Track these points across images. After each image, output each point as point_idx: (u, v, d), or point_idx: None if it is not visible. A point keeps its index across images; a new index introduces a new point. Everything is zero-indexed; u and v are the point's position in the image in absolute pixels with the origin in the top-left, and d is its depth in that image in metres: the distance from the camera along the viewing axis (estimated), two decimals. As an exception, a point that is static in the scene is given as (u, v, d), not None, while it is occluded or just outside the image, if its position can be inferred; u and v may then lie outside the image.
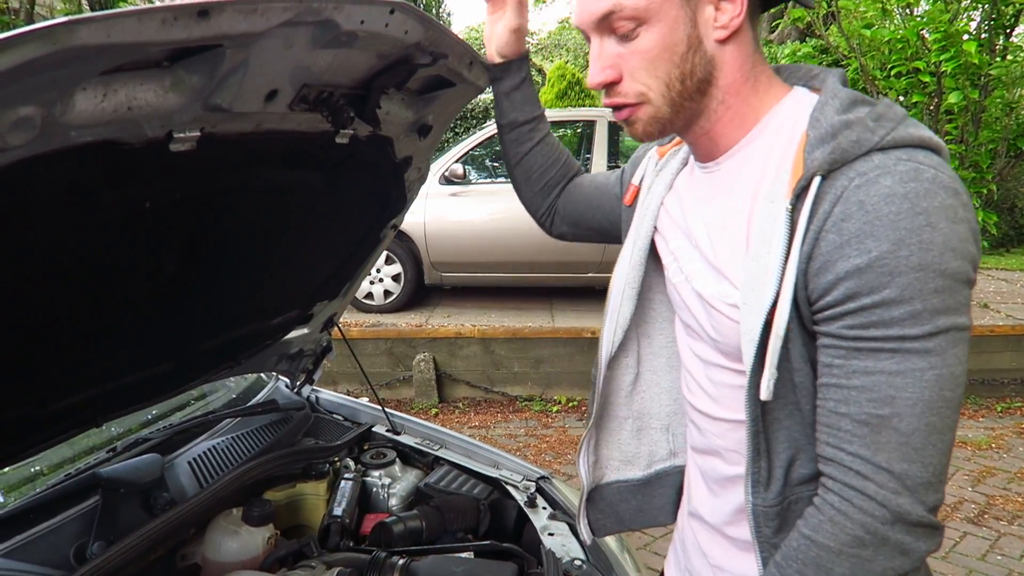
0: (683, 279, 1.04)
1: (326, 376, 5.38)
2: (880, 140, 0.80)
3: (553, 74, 11.98)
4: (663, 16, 0.88)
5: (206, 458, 1.83)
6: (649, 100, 0.93)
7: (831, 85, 0.90)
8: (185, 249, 1.32)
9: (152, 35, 0.76)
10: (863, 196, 0.77)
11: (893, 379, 0.78)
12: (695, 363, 1.07)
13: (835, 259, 0.79)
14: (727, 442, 1.03)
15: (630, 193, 1.22)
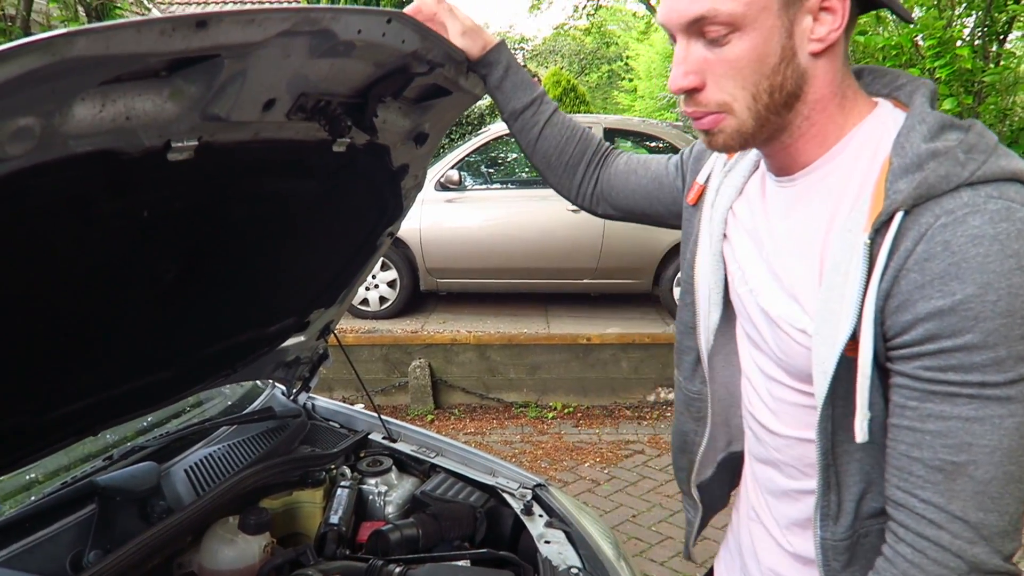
0: (747, 290, 1.02)
1: (322, 382, 5.35)
2: (970, 175, 0.77)
3: (548, 80, 12.02)
4: (759, 25, 0.83)
5: (202, 466, 1.82)
6: (732, 111, 0.88)
7: (919, 105, 0.86)
8: (183, 257, 1.32)
9: (151, 46, 0.76)
10: (949, 236, 0.75)
11: (970, 425, 0.76)
12: (756, 374, 1.05)
13: (915, 299, 0.77)
14: (785, 456, 1.03)
15: (694, 192, 1.17)
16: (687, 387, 1.23)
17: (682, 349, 1.23)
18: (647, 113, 24.53)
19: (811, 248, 0.90)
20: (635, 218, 1.39)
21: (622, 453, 4.76)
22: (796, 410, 0.98)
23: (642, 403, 5.58)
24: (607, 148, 1.41)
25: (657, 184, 1.32)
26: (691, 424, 1.25)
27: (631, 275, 6.08)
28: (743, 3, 0.81)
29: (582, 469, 4.54)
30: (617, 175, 1.37)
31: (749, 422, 1.12)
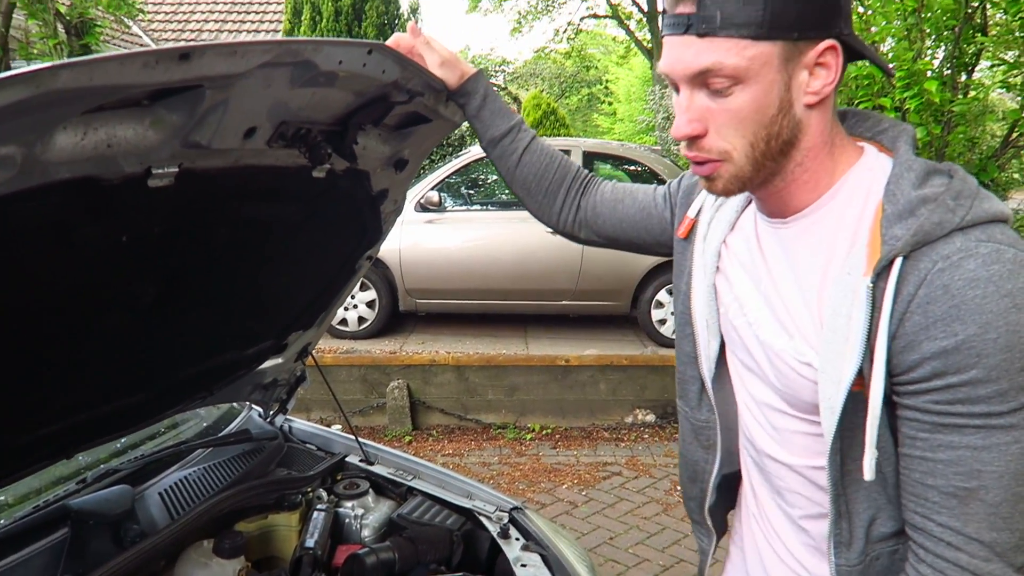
0: (746, 323, 1.06)
1: (299, 403, 5.31)
2: (961, 220, 0.82)
3: (528, 103, 12.13)
4: (760, 79, 0.87)
5: (177, 489, 1.81)
6: (731, 159, 0.92)
7: (904, 152, 0.91)
8: (162, 281, 1.33)
9: (134, 78, 0.78)
10: (947, 280, 0.80)
11: (979, 454, 0.81)
12: (755, 404, 1.09)
13: (920, 340, 0.81)
14: (788, 484, 1.06)
15: (685, 226, 1.21)
16: (694, 416, 1.25)
17: (686, 379, 1.25)
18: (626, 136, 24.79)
19: (809, 289, 0.95)
20: (618, 245, 1.41)
21: (600, 475, 4.77)
22: (803, 439, 1.01)
23: (620, 425, 5.59)
24: (586, 175, 1.44)
25: (645, 214, 1.34)
26: (701, 453, 1.26)
27: (609, 297, 6.12)
28: (747, 58, 0.86)
29: (560, 491, 4.54)
30: (603, 203, 1.39)
31: (750, 451, 1.14)
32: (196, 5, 13.60)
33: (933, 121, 4.64)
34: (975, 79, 5.39)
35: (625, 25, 24.10)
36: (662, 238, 1.32)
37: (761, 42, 0.86)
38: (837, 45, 0.89)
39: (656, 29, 21.53)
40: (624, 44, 28.55)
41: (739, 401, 1.15)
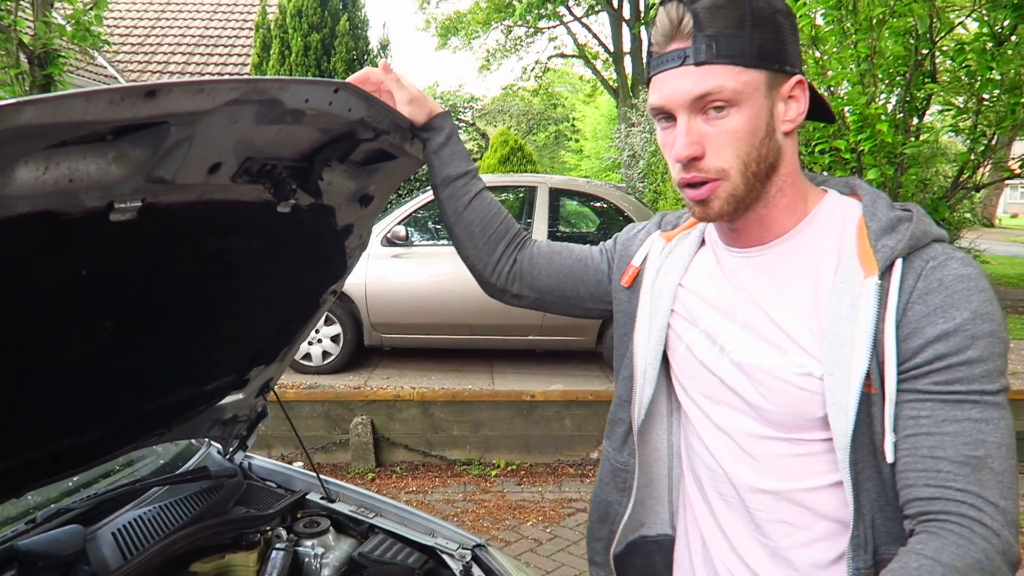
0: (717, 353, 1.11)
1: (260, 440, 5.23)
2: (934, 235, 0.99)
3: (496, 140, 12.24)
4: (752, 103, 0.99)
5: (131, 529, 1.77)
6: (728, 177, 1.01)
7: (868, 188, 1.09)
8: (121, 315, 1.31)
9: (99, 114, 0.78)
10: (940, 275, 0.94)
11: (980, 425, 0.91)
12: (724, 438, 1.12)
13: (923, 326, 0.93)
14: (774, 514, 1.07)
15: (629, 275, 1.28)
16: (615, 458, 1.29)
17: (615, 421, 1.30)
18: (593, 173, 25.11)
19: (801, 304, 1.03)
20: (550, 299, 1.42)
21: (564, 512, 4.74)
22: (794, 461, 1.05)
23: (585, 460, 5.58)
24: (526, 234, 1.47)
25: (582, 265, 1.39)
26: (615, 495, 1.29)
27: (575, 332, 6.14)
28: (741, 82, 0.98)
29: (524, 528, 4.50)
30: (540, 255, 1.42)
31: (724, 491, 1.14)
32: (163, 37, 13.56)
33: (887, 163, 4.80)
34: (926, 123, 5.59)
35: (592, 65, 24.58)
36: (596, 290, 1.37)
37: (751, 70, 0.98)
38: (805, 81, 1.03)
39: (622, 70, 22.00)
40: (591, 83, 29.09)
41: (705, 444, 1.16)
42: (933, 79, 5.03)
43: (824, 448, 1.02)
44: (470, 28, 24.67)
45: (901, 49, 4.80)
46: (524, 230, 1.48)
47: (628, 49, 21.92)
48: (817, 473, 1.04)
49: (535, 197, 6.41)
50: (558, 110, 30.51)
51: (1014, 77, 4.78)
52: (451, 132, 1.38)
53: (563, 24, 24.18)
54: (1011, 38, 4.69)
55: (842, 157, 4.90)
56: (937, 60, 5.07)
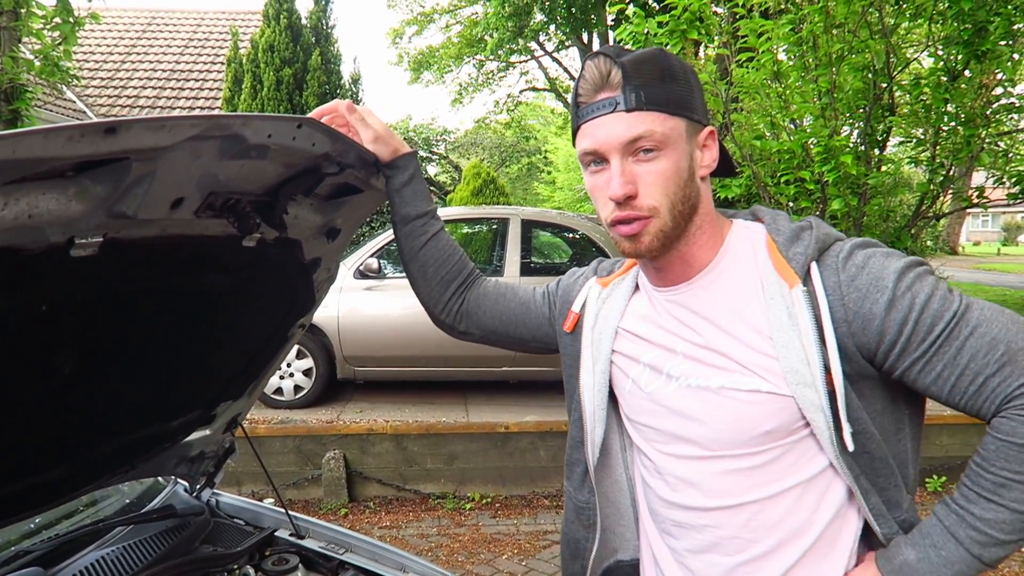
0: (663, 383, 1.17)
1: (231, 476, 5.15)
2: (835, 235, 1.10)
3: (469, 172, 12.33)
4: (676, 146, 1.08)
5: (94, 570, 1.73)
6: (659, 214, 1.09)
7: (765, 210, 1.19)
8: (82, 351, 1.30)
9: (58, 151, 0.78)
10: (855, 261, 1.04)
11: (978, 329, 0.98)
12: (674, 464, 1.17)
13: (868, 306, 1.01)
14: (726, 530, 1.13)
15: (570, 320, 1.35)
16: (577, 497, 1.35)
17: (572, 462, 1.36)
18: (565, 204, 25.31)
19: (736, 328, 1.09)
20: (495, 338, 1.50)
21: (540, 544, 4.70)
22: (732, 476, 1.11)
23: (560, 492, 5.54)
24: (477, 273, 1.53)
25: (524, 309, 1.46)
26: (582, 532, 1.35)
27: (549, 363, 6.12)
28: (668, 128, 1.07)
29: (500, 562, 4.46)
30: (486, 296, 1.48)
31: (676, 517, 1.19)
32: (134, 72, 13.53)
33: (850, 193, 4.91)
34: (887, 154, 5.73)
35: (563, 98, 24.90)
36: (538, 333, 1.45)
37: (674, 117, 1.08)
38: (715, 132, 1.14)
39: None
40: (562, 116, 29.42)
41: (659, 471, 1.20)
42: (892, 112, 5.18)
43: (765, 460, 1.09)
44: (442, 62, 24.91)
45: (860, 83, 4.94)
46: (478, 271, 1.54)
47: (598, 83, 22.20)
48: (757, 486, 1.10)
49: (507, 229, 6.45)
50: (530, 142, 30.82)
51: (969, 110, 4.93)
52: (414, 172, 1.42)
53: (534, 58, 24.53)
54: (964, 73, 4.86)
55: (807, 188, 5.00)
56: (896, 94, 5.23)
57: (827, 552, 1.10)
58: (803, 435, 1.07)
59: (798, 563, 1.10)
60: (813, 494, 1.09)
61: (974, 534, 0.99)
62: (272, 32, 10.24)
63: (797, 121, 5.45)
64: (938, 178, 5.17)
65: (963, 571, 1.00)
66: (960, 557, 1.00)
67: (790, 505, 1.09)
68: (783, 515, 1.09)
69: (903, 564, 1.04)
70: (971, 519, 1.00)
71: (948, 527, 1.02)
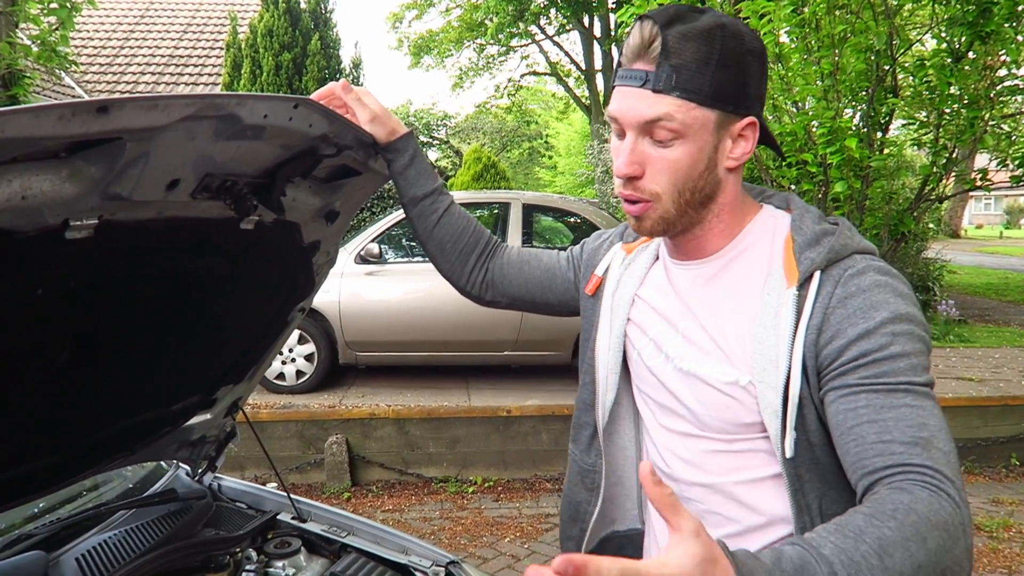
0: (663, 360, 1.17)
1: (232, 461, 5.17)
2: (856, 247, 1.04)
3: (469, 157, 12.29)
4: (697, 138, 1.02)
5: (96, 554, 1.73)
6: (659, 201, 1.06)
7: (800, 203, 1.14)
8: (79, 336, 1.29)
9: (49, 130, 0.77)
10: (858, 282, 0.99)
11: (917, 410, 0.92)
12: (667, 436, 1.18)
13: (845, 327, 0.97)
14: (708, 505, 1.14)
15: (592, 284, 1.34)
16: (582, 460, 1.36)
17: (580, 424, 1.36)
18: (567, 189, 25.26)
19: (735, 315, 1.08)
20: (522, 304, 1.50)
21: (542, 527, 4.72)
22: (721, 457, 1.11)
23: (562, 475, 5.55)
24: (496, 241, 1.52)
25: (550, 275, 1.45)
26: (584, 494, 1.36)
27: (551, 347, 6.15)
28: (691, 117, 1.01)
29: (502, 544, 4.48)
30: (510, 265, 1.48)
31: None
32: (132, 57, 13.47)
33: (853, 176, 4.88)
34: (890, 137, 5.70)
35: (564, 82, 24.82)
36: (564, 297, 1.44)
37: (704, 108, 1.01)
38: (756, 122, 1.07)
39: (594, 87, 22.21)
40: (563, 100, 29.32)
41: (654, 441, 1.23)
42: (895, 94, 5.14)
43: (752, 447, 1.08)
44: (442, 47, 24.80)
45: (863, 65, 4.90)
46: (496, 238, 1.53)
47: (600, 66, 22.16)
48: (745, 468, 1.10)
49: (508, 213, 6.43)
50: (531, 127, 30.72)
51: (972, 92, 4.90)
52: (415, 152, 1.40)
53: (535, 43, 24.41)
54: (968, 55, 4.81)
55: (809, 170, 4.98)
56: (899, 76, 5.19)
57: None
58: None
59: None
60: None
61: None
62: (271, 16, 10.18)
63: (799, 103, 5.42)
64: (941, 160, 5.13)
65: None
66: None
67: (769, 491, 1.09)
68: (762, 498, 1.09)
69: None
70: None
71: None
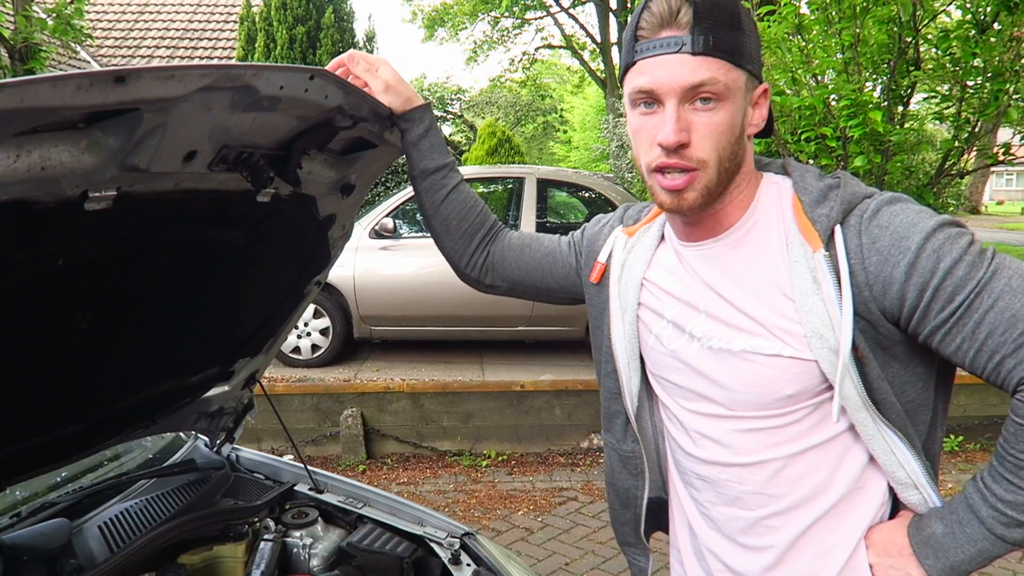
0: (687, 342, 1.15)
1: (249, 433, 5.23)
2: (864, 192, 1.04)
3: (484, 131, 12.22)
4: (735, 99, 1.03)
5: (118, 522, 1.76)
6: (707, 168, 1.04)
7: (797, 164, 1.13)
8: (100, 307, 1.30)
9: (67, 100, 0.77)
10: (878, 221, 0.99)
11: (999, 303, 0.93)
12: (695, 420, 1.17)
13: (888, 270, 0.97)
14: (748, 485, 1.13)
15: (597, 271, 1.31)
16: (621, 448, 1.34)
17: (611, 414, 1.35)
18: (581, 163, 25.10)
19: (762, 288, 1.07)
20: (521, 290, 1.48)
21: (555, 500, 4.76)
22: (754, 435, 1.10)
23: (576, 450, 5.60)
24: (500, 224, 1.50)
25: (551, 259, 1.43)
26: (631, 480, 1.35)
27: (564, 322, 6.15)
28: (731, 79, 1.01)
29: (515, 517, 4.52)
30: (511, 248, 1.46)
31: (699, 471, 1.19)
32: (147, 31, 13.45)
33: (873, 150, 4.81)
34: (911, 110, 5.61)
35: (579, 55, 24.54)
36: (565, 283, 1.42)
37: (738, 68, 1.02)
38: (769, 89, 1.09)
39: (609, 61, 21.95)
40: (579, 74, 29.03)
41: (683, 426, 1.20)
42: (917, 67, 5.04)
43: (787, 421, 1.08)
44: (456, 19, 24.56)
45: (885, 37, 4.81)
46: (500, 222, 1.51)
47: (615, 39, 21.88)
48: (782, 444, 1.09)
49: (523, 188, 6.40)
50: (546, 101, 30.46)
51: (997, 64, 4.79)
52: (430, 124, 1.39)
53: (550, 15, 24.12)
54: (994, 25, 4.71)
55: (827, 145, 4.91)
56: (921, 48, 5.09)
57: (847, 511, 1.10)
58: (826, 397, 1.05)
59: (819, 520, 1.10)
60: (834, 453, 1.08)
61: (996, 514, 0.98)
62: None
63: (819, 76, 5.33)
64: (963, 135, 5.05)
65: (987, 548, 0.99)
66: (983, 535, 0.99)
67: (811, 463, 1.08)
68: (804, 473, 1.09)
69: (931, 536, 1.03)
70: (993, 499, 0.98)
71: (972, 505, 1.00)
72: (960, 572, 1.01)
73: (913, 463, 1.04)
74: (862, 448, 1.07)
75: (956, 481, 4.97)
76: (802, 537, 1.11)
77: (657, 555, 1.46)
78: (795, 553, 1.12)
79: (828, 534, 1.10)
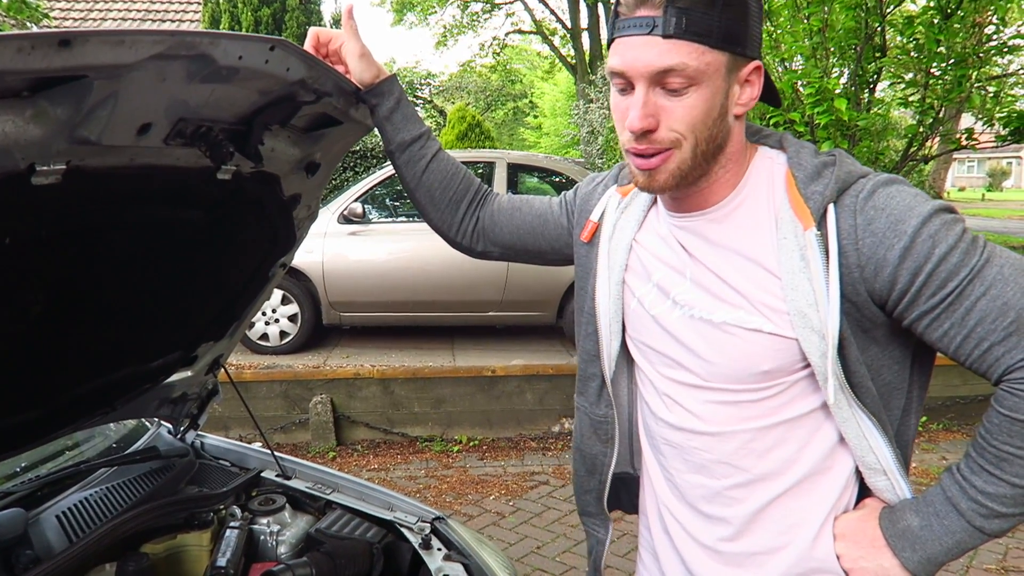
0: (670, 307, 1.14)
1: (217, 421, 5.16)
2: (859, 171, 1.02)
3: (454, 116, 12.13)
4: (711, 83, 0.98)
5: (77, 511, 1.71)
6: (680, 147, 1.01)
7: (793, 140, 1.11)
8: (53, 289, 1.25)
9: (7, 64, 0.73)
10: (874, 202, 0.97)
11: (992, 290, 0.92)
12: (669, 386, 1.17)
13: (883, 252, 0.95)
14: (715, 455, 1.12)
15: (588, 230, 1.28)
16: (593, 412, 1.32)
17: (587, 376, 1.32)
18: (552, 150, 25.07)
19: (747, 263, 1.05)
20: (514, 253, 1.46)
21: (527, 484, 4.76)
22: (726, 407, 1.10)
23: (547, 434, 5.60)
24: (487, 189, 1.47)
25: (542, 220, 1.40)
26: (599, 447, 1.33)
27: (535, 307, 6.14)
28: (704, 63, 0.97)
29: (487, 502, 4.51)
30: (501, 212, 1.43)
31: (667, 436, 1.18)
32: (107, 12, 13.09)
33: (840, 136, 4.86)
34: (877, 96, 5.67)
35: (549, 41, 24.46)
36: (557, 244, 1.40)
37: (715, 51, 0.97)
38: (762, 67, 1.04)
39: (580, 46, 21.91)
40: (549, 60, 28.94)
41: (657, 390, 1.20)
42: (883, 53, 5.10)
43: (759, 396, 1.07)
44: (426, 3, 24.32)
45: (852, 22, 4.85)
46: (486, 186, 1.48)
47: (586, 25, 21.82)
48: (753, 418, 1.08)
49: (494, 173, 6.36)
50: (516, 87, 30.34)
51: (960, 51, 4.86)
52: (400, 95, 1.36)
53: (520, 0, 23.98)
54: (957, 12, 4.77)
55: (796, 130, 4.94)
56: (887, 34, 5.14)
57: (812, 490, 1.10)
58: (801, 376, 1.05)
59: (782, 496, 1.10)
60: (804, 430, 1.08)
61: (975, 506, 0.97)
62: (249, -31, 9.91)
63: (787, 62, 5.36)
64: (927, 120, 5.12)
65: (964, 540, 0.99)
66: (962, 527, 0.99)
67: (780, 437, 1.08)
68: (771, 446, 1.09)
69: (906, 529, 1.02)
70: (972, 491, 0.98)
71: (950, 497, 1.00)
72: (936, 563, 1.01)
73: (884, 449, 1.04)
74: (833, 428, 1.07)
75: (920, 460, 5.06)
76: (764, 511, 1.11)
77: (616, 532, 1.44)
78: (756, 526, 1.12)
79: (791, 512, 1.10)
